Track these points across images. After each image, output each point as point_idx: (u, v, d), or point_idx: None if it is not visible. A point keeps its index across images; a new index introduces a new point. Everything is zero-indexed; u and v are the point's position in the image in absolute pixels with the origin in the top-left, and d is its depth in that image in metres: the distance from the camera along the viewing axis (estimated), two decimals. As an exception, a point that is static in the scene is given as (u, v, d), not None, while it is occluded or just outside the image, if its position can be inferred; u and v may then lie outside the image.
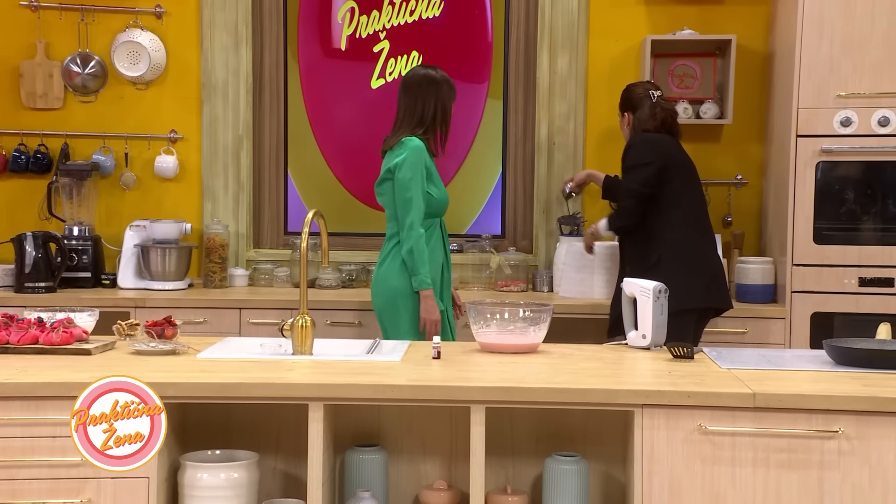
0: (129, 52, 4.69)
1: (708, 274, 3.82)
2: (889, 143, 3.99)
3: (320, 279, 4.57)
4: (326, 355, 2.90)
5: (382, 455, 2.69)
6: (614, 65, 4.62)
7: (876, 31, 3.94)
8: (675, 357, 2.87)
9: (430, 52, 4.78)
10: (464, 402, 2.47)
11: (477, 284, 4.60)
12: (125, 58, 4.70)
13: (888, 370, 2.65)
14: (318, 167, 4.88)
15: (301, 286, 2.95)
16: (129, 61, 4.70)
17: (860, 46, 3.95)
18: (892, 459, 2.35)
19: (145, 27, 4.74)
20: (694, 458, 2.42)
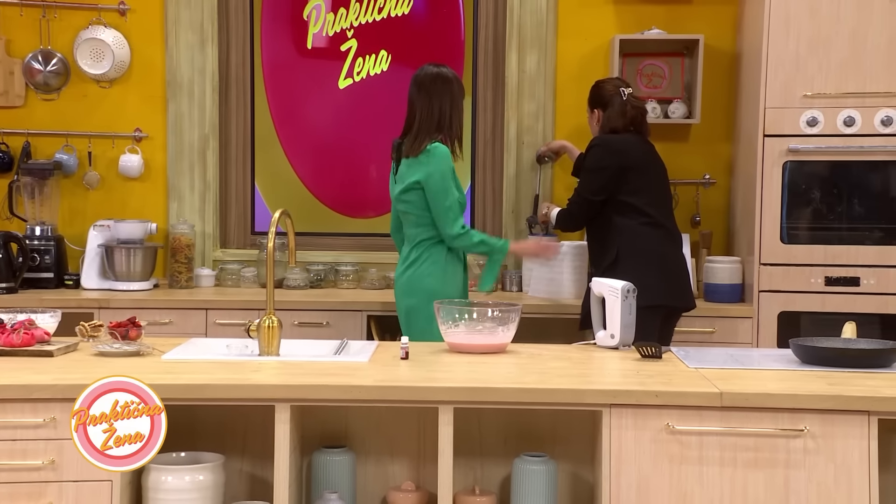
0: (92, 49, 4.65)
1: (670, 272, 3.81)
2: (854, 144, 4.04)
3: (288, 279, 4.55)
4: (293, 356, 2.89)
5: (350, 456, 2.68)
6: (583, 64, 4.65)
7: (841, 31, 3.99)
8: (644, 357, 2.89)
9: (399, 50, 4.77)
10: (432, 402, 2.48)
11: (446, 284, 4.60)
12: (88, 55, 4.66)
13: (853, 369, 2.69)
14: (282, 168, 4.85)
15: (268, 286, 2.94)
16: (92, 59, 4.66)
17: (826, 46, 4.00)
18: (857, 458, 2.39)
19: (109, 24, 4.69)
20: (661, 458, 2.44)
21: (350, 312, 4.20)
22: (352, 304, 4.23)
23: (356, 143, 4.83)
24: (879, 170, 4.08)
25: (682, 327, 4.09)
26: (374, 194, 4.85)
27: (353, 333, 4.13)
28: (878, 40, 3.98)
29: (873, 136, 4.02)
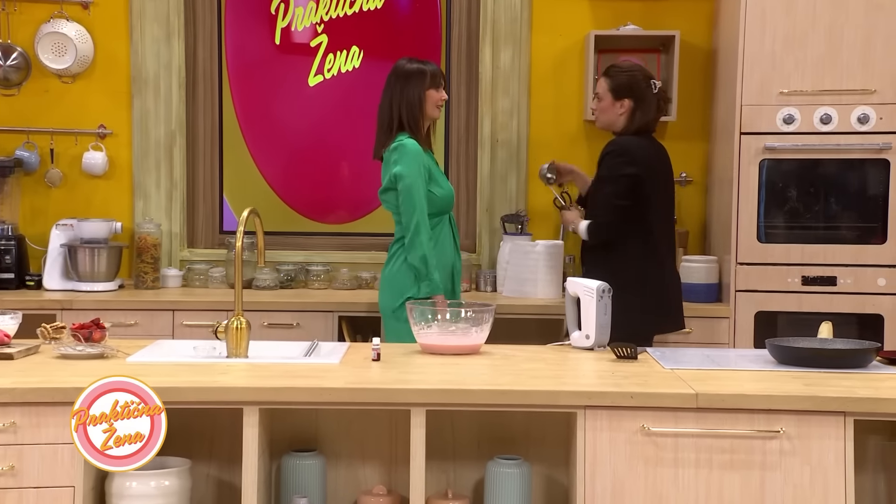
0: (53, 43, 4.61)
1: (672, 300, 3.79)
2: (830, 142, 4.08)
3: (257, 279, 4.54)
4: (262, 358, 2.89)
5: (320, 460, 2.68)
6: (558, 60, 4.66)
7: (817, 28, 4.03)
8: (619, 357, 2.90)
9: (371, 46, 4.77)
10: (404, 404, 2.48)
11: (419, 284, 4.60)
12: (50, 49, 4.61)
13: (829, 369, 2.71)
14: (247, 170, 4.82)
15: (236, 287, 2.93)
16: (54, 53, 4.62)
17: (802, 43, 4.04)
18: (833, 459, 2.41)
19: (71, 17, 4.65)
20: (637, 460, 2.45)
21: (321, 313, 4.19)
22: (323, 305, 4.22)
23: (327, 144, 4.82)
24: (856, 168, 4.12)
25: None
26: (346, 198, 4.85)
27: (324, 335, 4.12)
28: (854, 37, 4.02)
29: (850, 134, 4.06)
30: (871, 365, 2.79)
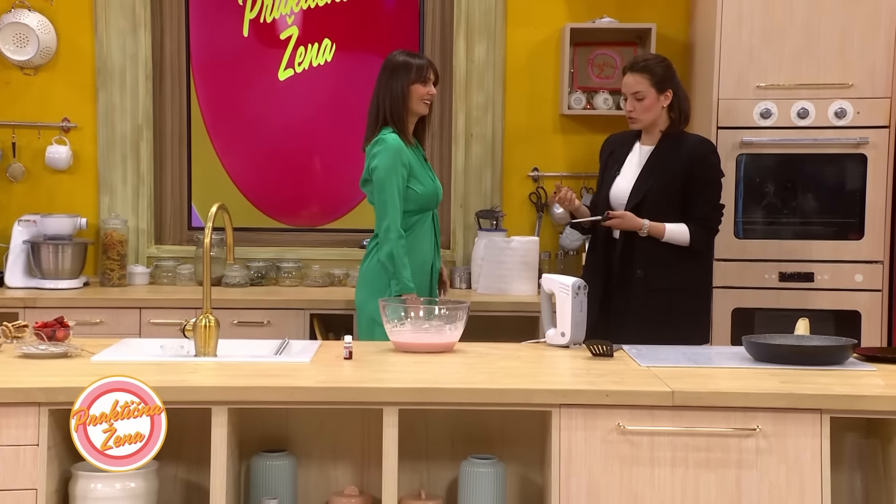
0: (15, 33, 4.56)
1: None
2: (808, 136, 4.11)
3: (227, 277, 4.52)
4: (231, 357, 2.88)
5: (290, 461, 2.67)
6: (533, 53, 4.67)
7: (794, 22, 4.06)
8: (595, 355, 2.91)
9: (344, 39, 4.75)
10: (376, 403, 2.48)
11: (392, 281, 4.59)
12: (11, 40, 4.57)
13: (806, 366, 2.74)
14: (212, 167, 4.80)
15: (205, 284, 2.92)
16: (15, 44, 4.57)
17: (779, 37, 4.07)
18: (809, 457, 2.43)
19: (33, 7, 4.61)
20: (612, 459, 2.46)
21: (292, 311, 4.19)
22: (294, 303, 4.21)
23: (299, 140, 4.80)
24: (834, 163, 4.16)
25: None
26: (318, 195, 4.84)
27: (295, 333, 4.11)
28: (831, 31, 4.05)
29: (827, 129, 4.10)
30: (848, 362, 2.82)
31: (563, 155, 4.69)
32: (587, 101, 4.58)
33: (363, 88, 4.77)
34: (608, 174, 3.69)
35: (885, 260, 4.09)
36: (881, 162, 4.08)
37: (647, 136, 3.65)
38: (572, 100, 4.56)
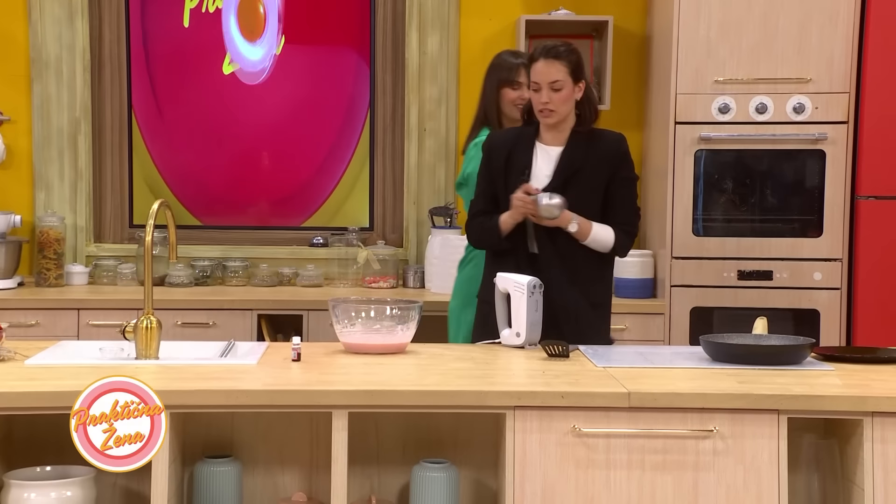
0: (-54, 21, 4.49)
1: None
2: (766, 132, 4.17)
3: (170, 276, 4.48)
4: (174, 359, 2.86)
5: (236, 466, 2.66)
6: (487, 46, 4.67)
7: (752, 15, 4.11)
8: (550, 356, 2.93)
9: (292, 31, 4.72)
10: (325, 407, 2.47)
11: (343, 281, 4.59)
12: (-58, 28, 4.50)
13: (763, 366, 2.77)
14: (155, 160, 4.77)
15: (146, 284, 2.89)
16: (-54, 32, 4.50)
17: (737, 30, 4.11)
18: (766, 458, 2.46)
19: (-35, -6, 4.55)
20: (568, 462, 2.47)
21: (239, 311, 4.17)
22: (241, 303, 4.19)
23: (246, 136, 4.77)
24: (792, 159, 4.21)
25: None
26: (266, 192, 4.82)
27: (242, 334, 4.09)
28: (788, 25, 4.11)
29: (785, 124, 4.16)
30: (806, 361, 2.86)
31: (519, 150, 4.70)
32: (543, 95, 4.60)
33: (313, 81, 4.77)
34: (514, 180, 3.31)
35: (843, 258, 4.16)
36: (840, 158, 4.14)
37: (550, 135, 3.33)
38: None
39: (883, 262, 4.12)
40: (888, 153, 4.10)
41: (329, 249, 4.67)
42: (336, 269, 4.62)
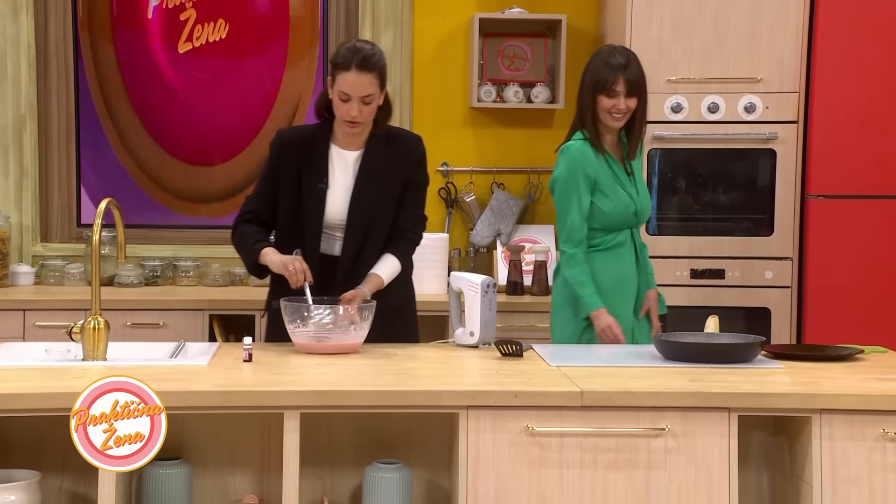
0: None
1: None
2: (718, 131, 4.21)
3: (120, 276, 4.43)
4: (123, 360, 2.83)
5: (185, 469, 2.64)
6: (441, 44, 4.68)
7: (704, 15, 4.15)
8: (504, 355, 2.94)
9: (237, 22, 4.71)
10: (276, 407, 2.46)
11: (295, 280, 4.57)
12: None
13: (715, 364, 2.80)
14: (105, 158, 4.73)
15: (93, 284, 2.86)
16: None
17: (689, 30, 4.15)
18: (717, 457, 2.49)
19: None
20: (521, 461, 2.48)
21: (190, 312, 4.13)
22: (192, 303, 4.16)
23: (197, 135, 4.75)
24: (744, 158, 4.26)
25: (546, 324, 4.16)
26: (219, 192, 4.79)
27: (194, 335, 4.06)
28: (739, 25, 4.15)
29: (737, 123, 4.21)
30: (757, 359, 2.89)
31: (473, 149, 4.71)
32: (497, 93, 4.61)
33: (266, 78, 4.74)
34: (314, 189, 3.15)
35: (794, 256, 4.22)
36: (790, 157, 4.20)
37: (347, 139, 3.17)
38: (482, 92, 4.59)
39: (832, 261, 4.18)
40: (837, 152, 4.16)
41: (282, 249, 4.64)
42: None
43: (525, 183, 4.70)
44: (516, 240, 4.59)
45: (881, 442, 2.49)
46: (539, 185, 4.69)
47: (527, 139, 4.71)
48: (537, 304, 4.27)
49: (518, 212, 4.61)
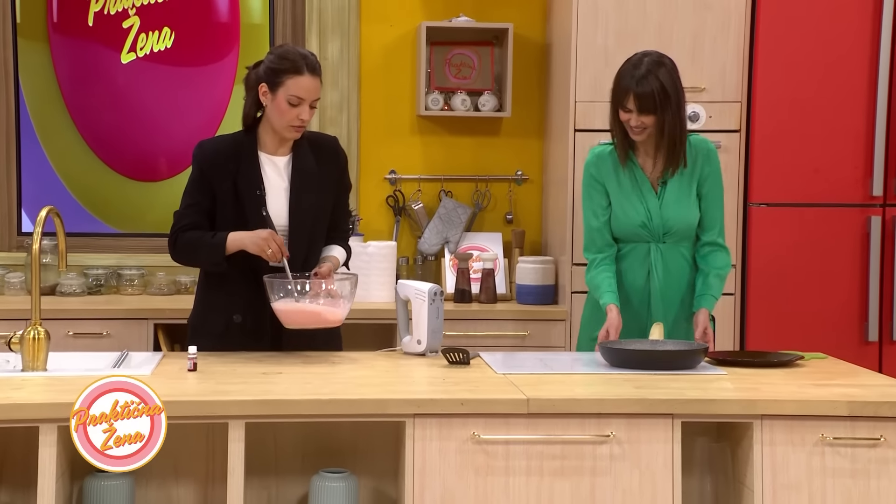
0: None
1: None
2: (663, 140, 4.24)
3: (62, 285, 4.37)
4: (64, 371, 2.80)
5: (127, 480, 2.60)
6: (389, 52, 4.67)
7: (648, 25, 4.19)
8: (451, 363, 2.94)
9: (182, 29, 4.66)
10: (221, 417, 2.45)
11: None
12: None
13: (659, 371, 2.83)
14: (45, 166, 4.65)
15: (33, 293, 2.82)
16: None
17: (634, 40, 4.18)
18: (661, 462, 2.51)
19: None
20: (467, 469, 2.49)
21: (134, 321, 4.08)
22: (136, 312, 4.11)
23: (139, 143, 4.70)
24: (688, 167, 4.30)
25: (494, 332, 4.19)
26: (163, 201, 4.73)
27: (138, 344, 4.01)
28: (683, 35, 4.20)
29: (681, 133, 4.24)
30: (700, 366, 2.92)
31: (421, 157, 4.71)
32: (445, 101, 4.62)
33: (207, 87, 4.71)
34: (253, 196, 3.12)
35: (737, 264, 4.26)
36: (732, 166, 4.24)
37: (274, 144, 3.18)
38: (430, 100, 4.59)
39: (774, 268, 4.23)
40: (778, 161, 4.22)
41: (229, 257, 4.60)
42: (235, 277, 4.56)
43: (473, 191, 4.71)
44: (464, 248, 4.60)
45: (820, 447, 2.53)
46: (487, 193, 4.70)
47: (474, 147, 4.72)
48: (485, 312, 4.28)
49: (466, 220, 4.62)
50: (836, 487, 2.53)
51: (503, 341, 4.19)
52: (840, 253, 4.24)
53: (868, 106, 4.20)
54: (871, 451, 2.53)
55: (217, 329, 3.15)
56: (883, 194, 4.23)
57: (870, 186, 4.22)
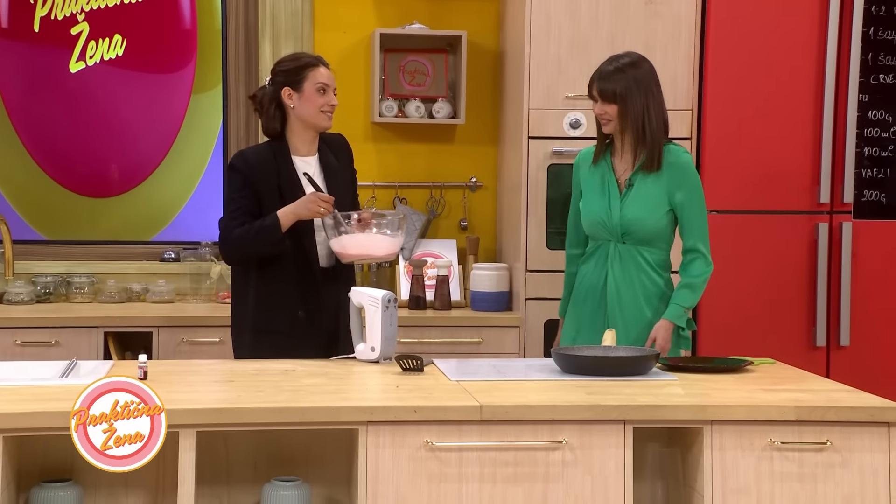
0: None
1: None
2: (616, 148, 4.28)
3: (9, 293, 4.31)
4: (9, 380, 2.75)
5: (76, 491, 2.57)
6: (342, 59, 4.66)
7: (600, 34, 4.22)
8: (405, 370, 2.94)
9: (134, 36, 4.62)
10: (171, 426, 2.41)
11: (196, 296, 4.50)
12: None
13: (611, 377, 2.85)
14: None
15: (-21, 302, 2.77)
16: None
17: (586, 49, 4.22)
18: (613, 468, 2.53)
19: None
20: (420, 477, 2.48)
21: (84, 329, 4.04)
22: (86, 320, 4.07)
23: (92, 149, 4.65)
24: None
25: (448, 338, 4.19)
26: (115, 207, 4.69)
27: (88, 353, 3.97)
28: (634, 44, 4.21)
29: (634, 141, 4.27)
30: (652, 372, 2.95)
31: (376, 164, 4.71)
32: (399, 108, 4.62)
33: (161, 94, 4.67)
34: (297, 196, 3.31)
35: (689, 270, 4.30)
36: (684, 174, 4.28)
37: (303, 146, 3.42)
38: (384, 107, 4.59)
39: (723, 275, 4.25)
40: (728, 169, 4.27)
41: (181, 264, 4.56)
42: (188, 285, 4.52)
43: (427, 198, 4.72)
44: (419, 254, 4.60)
45: (768, 451, 2.56)
46: (441, 200, 4.71)
47: (429, 154, 4.73)
48: (439, 319, 4.28)
49: (420, 227, 4.62)
50: (784, 491, 2.56)
51: (458, 348, 4.19)
52: (788, 259, 4.30)
53: (815, 115, 4.27)
54: (817, 456, 2.57)
55: (284, 327, 3.32)
56: (830, 202, 4.30)
57: (817, 194, 4.29)
